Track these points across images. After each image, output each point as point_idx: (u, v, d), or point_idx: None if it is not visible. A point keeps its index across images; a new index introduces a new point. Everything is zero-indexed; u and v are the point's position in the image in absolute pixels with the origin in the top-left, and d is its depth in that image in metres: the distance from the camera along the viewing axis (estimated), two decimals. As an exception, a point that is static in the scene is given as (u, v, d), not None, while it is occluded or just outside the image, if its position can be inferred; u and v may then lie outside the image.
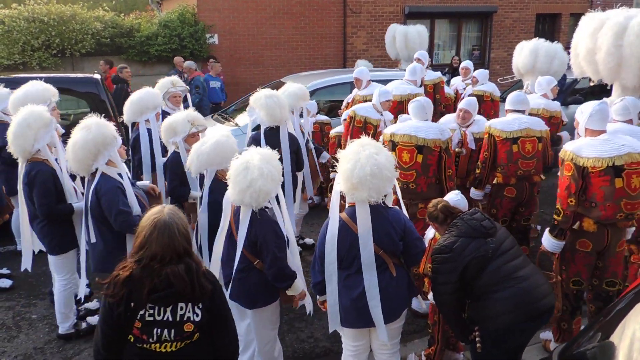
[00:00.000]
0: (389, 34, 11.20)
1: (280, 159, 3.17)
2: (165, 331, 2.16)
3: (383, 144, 4.29)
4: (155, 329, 2.15)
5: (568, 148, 3.52)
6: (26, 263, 4.20)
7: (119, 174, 3.49)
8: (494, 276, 2.81)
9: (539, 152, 4.49)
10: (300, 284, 3.20)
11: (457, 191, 3.45)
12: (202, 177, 3.95)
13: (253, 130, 5.02)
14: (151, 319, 2.15)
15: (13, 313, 4.53)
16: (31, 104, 3.98)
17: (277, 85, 8.36)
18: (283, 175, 3.19)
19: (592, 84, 5.77)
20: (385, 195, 2.95)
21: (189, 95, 6.01)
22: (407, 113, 6.12)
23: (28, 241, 4.11)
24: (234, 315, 3.23)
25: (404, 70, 7.99)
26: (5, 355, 3.94)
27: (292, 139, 4.82)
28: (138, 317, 2.14)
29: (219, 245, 3.24)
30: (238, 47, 11.87)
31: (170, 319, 2.16)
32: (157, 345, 2.17)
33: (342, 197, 3.03)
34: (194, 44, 11.18)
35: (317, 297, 3.18)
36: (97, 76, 6.41)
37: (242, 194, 2.94)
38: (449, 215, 3.08)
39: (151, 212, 2.22)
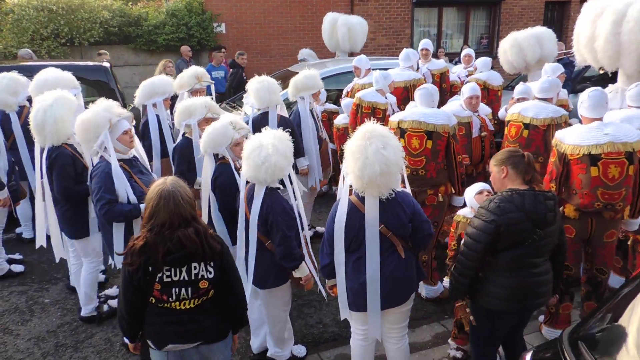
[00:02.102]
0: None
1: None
2: (183, 290, 2.37)
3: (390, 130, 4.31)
4: (174, 289, 2.36)
5: (556, 134, 3.58)
6: (40, 240, 4.25)
7: (130, 160, 3.56)
8: (511, 262, 2.77)
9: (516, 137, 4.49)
10: (306, 267, 3.26)
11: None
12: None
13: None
14: (169, 280, 2.35)
15: (26, 297, 4.61)
16: (61, 88, 4.03)
17: (285, 75, 8.37)
18: None
19: (602, 71, 5.71)
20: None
21: (212, 87, 5.96)
22: (413, 99, 6.13)
23: (56, 228, 4.11)
24: (247, 297, 3.37)
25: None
26: (19, 338, 4.02)
27: (285, 122, 4.81)
28: (157, 280, 2.34)
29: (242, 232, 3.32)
30: (245, 36, 11.85)
31: (186, 278, 2.37)
32: (177, 303, 2.39)
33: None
34: (201, 32, 11.18)
35: (326, 281, 3.21)
36: (107, 64, 6.45)
37: (257, 170, 3.04)
38: (528, 166, 2.81)
39: (155, 184, 2.39)
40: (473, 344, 3.13)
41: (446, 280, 3.26)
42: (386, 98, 5.53)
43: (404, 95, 6.21)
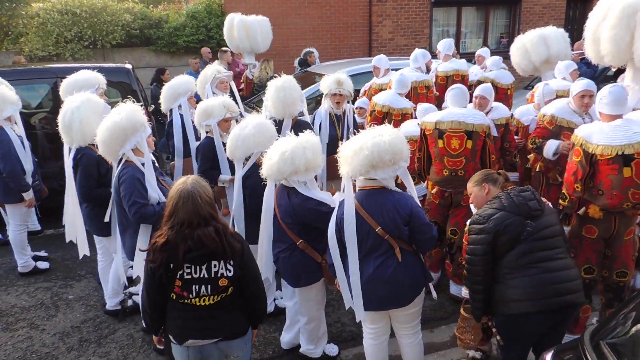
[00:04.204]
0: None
1: None
2: (203, 287, 2.42)
3: (422, 132, 4.26)
4: (194, 286, 2.41)
5: (579, 133, 3.45)
6: (83, 249, 4.29)
7: (144, 164, 3.51)
8: (517, 260, 2.79)
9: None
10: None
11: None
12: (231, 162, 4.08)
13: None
14: (189, 277, 2.40)
15: (51, 293, 4.72)
16: (80, 89, 4.14)
17: (305, 76, 8.40)
18: None
19: (614, 69, 5.56)
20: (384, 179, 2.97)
21: (232, 83, 5.99)
22: (414, 100, 6.11)
23: (81, 226, 4.19)
24: (285, 293, 3.62)
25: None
26: (45, 333, 4.12)
27: (299, 126, 4.61)
28: (178, 277, 2.39)
29: (266, 227, 3.40)
30: (264, 37, 11.90)
31: (206, 275, 2.42)
32: (197, 299, 2.44)
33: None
34: (220, 34, 11.25)
35: (335, 279, 3.21)
36: (129, 66, 6.55)
37: (270, 168, 3.16)
38: (507, 181, 3.08)
39: (176, 183, 2.45)
40: (502, 349, 3.08)
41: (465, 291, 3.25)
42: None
43: (407, 96, 6.20)
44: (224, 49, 9.21)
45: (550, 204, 3.07)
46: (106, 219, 3.89)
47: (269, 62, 9.31)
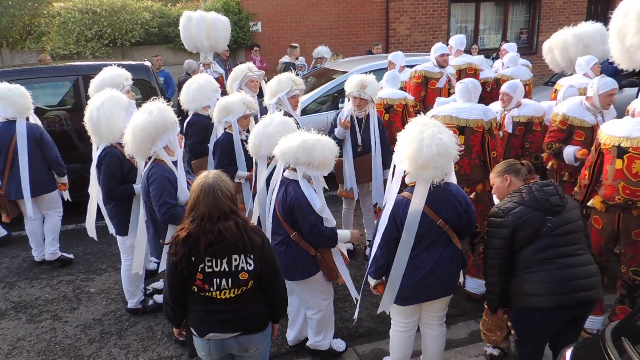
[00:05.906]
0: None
1: None
2: (224, 280, 2.44)
3: None
4: (215, 279, 2.44)
5: (603, 124, 3.62)
6: (91, 232, 4.51)
7: (175, 162, 3.49)
8: (535, 255, 2.78)
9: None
10: (343, 233, 3.37)
11: None
12: (249, 159, 4.10)
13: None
14: (210, 270, 2.43)
15: (73, 287, 4.82)
16: (109, 87, 4.18)
17: (322, 72, 8.41)
18: None
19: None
20: (446, 174, 2.97)
21: (263, 83, 5.77)
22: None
23: (92, 215, 4.39)
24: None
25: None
26: (67, 325, 4.21)
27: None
28: (199, 270, 2.43)
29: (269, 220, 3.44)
30: (281, 34, 11.96)
31: (227, 269, 2.44)
32: (218, 292, 2.47)
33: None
34: (237, 31, 11.35)
35: (371, 281, 3.19)
36: (148, 63, 6.64)
37: (285, 151, 3.19)
38: (531, 173, 3.06)
39: (198, 177, 2.48)
40: (518, 344, 3.07)
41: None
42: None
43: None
44: (293, 44, 9.15)
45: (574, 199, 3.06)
46: (144, 218, 3.83)
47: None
